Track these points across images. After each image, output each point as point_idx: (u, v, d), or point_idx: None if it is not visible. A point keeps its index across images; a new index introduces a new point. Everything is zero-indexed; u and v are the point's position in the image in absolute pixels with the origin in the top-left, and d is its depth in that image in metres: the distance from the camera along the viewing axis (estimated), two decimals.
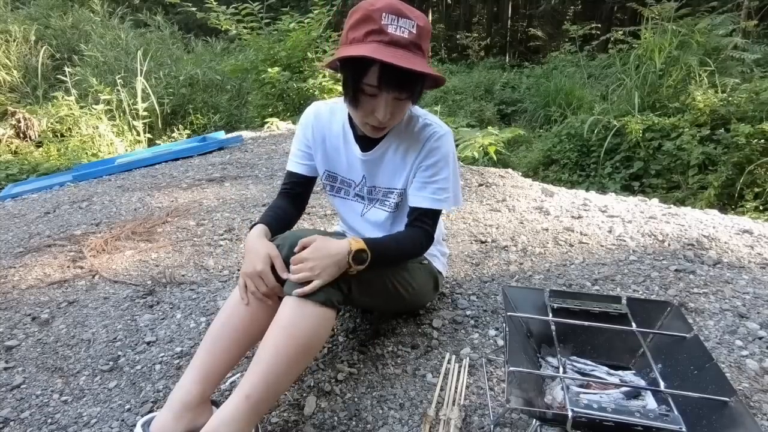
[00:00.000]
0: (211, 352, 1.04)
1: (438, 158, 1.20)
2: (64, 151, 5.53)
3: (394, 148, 1.23)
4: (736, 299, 1.53)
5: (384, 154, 1.24)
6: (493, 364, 1.28)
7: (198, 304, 1.64)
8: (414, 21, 1.01)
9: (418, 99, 1.13)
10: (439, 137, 1.20)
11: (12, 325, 1.57)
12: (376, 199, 1.31)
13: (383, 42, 0.99)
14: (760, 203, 3.54)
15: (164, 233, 2.29)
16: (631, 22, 7.88)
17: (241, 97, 7.22)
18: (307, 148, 1.30)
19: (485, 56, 12.87)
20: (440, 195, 1.21)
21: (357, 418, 1.12)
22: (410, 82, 1.03)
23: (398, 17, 1.00)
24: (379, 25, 0.99)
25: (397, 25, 1.00)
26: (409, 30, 1.00)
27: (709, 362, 0.95)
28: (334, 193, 1.36)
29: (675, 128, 4.24)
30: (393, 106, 1.07)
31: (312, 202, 2.53)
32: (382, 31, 0.99)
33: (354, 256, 1.03)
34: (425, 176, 1.21)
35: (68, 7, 9.80)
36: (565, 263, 1.82)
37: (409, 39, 1.00)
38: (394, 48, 0.99)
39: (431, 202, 1.21)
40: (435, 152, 1.20)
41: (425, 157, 1.20)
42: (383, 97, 1.04)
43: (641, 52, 5.30)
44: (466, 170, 3.09)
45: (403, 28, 1.00)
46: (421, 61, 1.02)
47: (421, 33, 1.02)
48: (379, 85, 1.02)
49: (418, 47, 1.02)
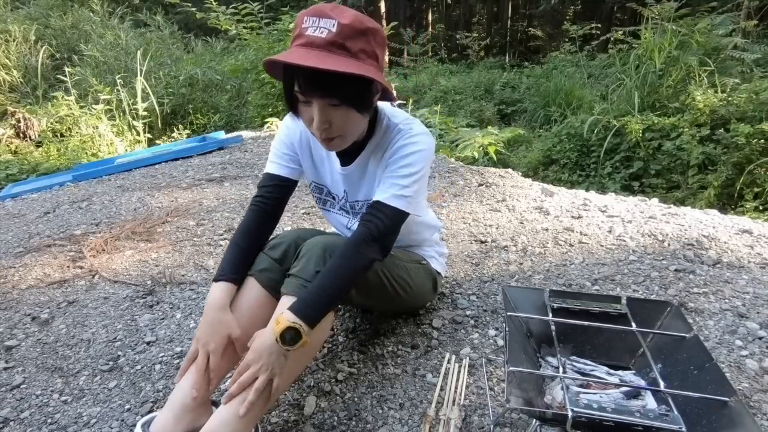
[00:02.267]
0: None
1: (404, 153, 1.10)
2: (63, 151, 5.53)
3: (372, 160, 1.17)
4: (736, 299, 1.53)
5: (362, 167, 1.18)
6: (493, 364, 1.28)
7: (198, 304, 1.64)
8: (335, 20, 0.91)
9: (367, 105, 1.02)
10: (411, 136, 1.11)
11: (12, 325, 1.57)
12: (359, 212, 1.25)
13: (301, 45, 0.92)
14: (759, 203, 3.55)
15: (164, 233, 2.29)
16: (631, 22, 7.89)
17: (241, 97, 7.21)
18: (292, 151, 1.23)
19: (485, 56, 12.87)
20: (396, 190, 1.08)
21: (357, 418, 1.12)
22: (333, 85, 0.93)
23: (319, 18, 0.92)
24: (299, 29, 0.94)
25: (316, 26, 0.92)
26: (328, 29, 0.91)
27: (709, 362, 0.95)
28: (321, 205, 1.33)
29: (675, 128, 4.24)
30: (329, 114, 0.97)
31: (312, 201, 2.54)
32: (301, 35, 0.93)
33: (282, 336, 0.93)
34: (390, 170, 1.10)
35: (68, 7, 9.80)
36: (565, 263, 1.82)
37: (326, 39, 0.91)
38: (308, 48, 0.92)
39: (389, 196, 1.07)
40: (403, 148, 1.10)
41: (392, 154, 1.11)
42: (315, 104, 0.96)
43: (641, 52, 5.29)
44: (466, 170, 3.09)
45: (322, 28, 0.91)
46: (346, 61, 0.92)
47: (342, 31, 0.91)
48: (301, 91, 0.95)
49: (341, 46, 0.92)
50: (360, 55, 0.94)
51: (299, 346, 0.95)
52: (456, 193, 2.66)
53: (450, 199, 2.57)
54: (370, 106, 1.04)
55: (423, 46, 10.91)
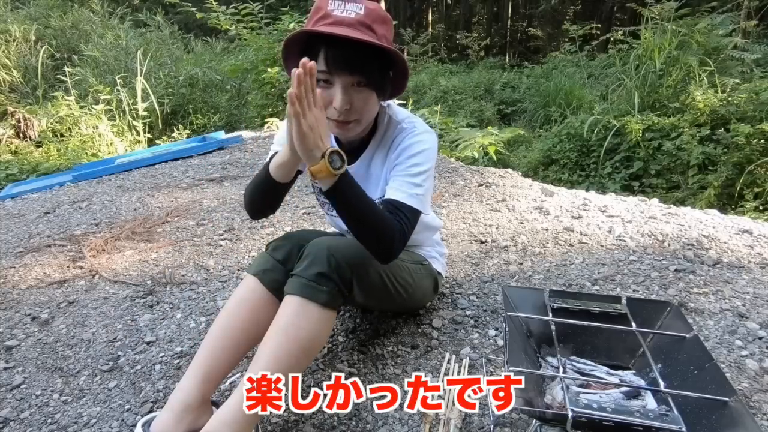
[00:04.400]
0: (212, 352, 1.04)
1: (412, 153, 1.11)
2: (63, 151, 5.53)
3: (375, 158, 1.18)
4: (736, 299, 1.53)
5: (365, 166, 1.19)
6: (493, 364, 1.28)
7: (198, 304, 1.64)
8: (362, 4, 0.97)
9: (385, 90, 1.06)
10: (416, 134, 1.13)
11: (12, 325, 1.57)
12: None
13: (328, 24, 0.95)
14: (759, 203, 3.55)
15: (164, 233, 2.29)
16: (631, 22, 7.88)
17: (241, 97, 7.21)
18: None
19: (485, 56, 12.88)
20: (412, 189, 1.09)
21: (357, 418, 1.12)
22: (362, 61, 0.97)
23: (345, 2, 0.97)
24: (325, 11, 0.97)
25: (343, 8, 0.97)
26: (356, 12, 0.96)
27: (709, 362, 0.95)
28: (324, 207, 1.34)
29: (675, 128, 4.24)
30: (351, 94, 1.00)
31: (312, 201, 2.54)
32: (327, 16, 0.96)
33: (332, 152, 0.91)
34: (399, 169, 1.12)
35: (68, 7, 9.79)
36: (565, 263, 1.82)
37: (354, 18, 0.96)
38: (338, 26, 0.95)
39: (404, 195, 1.08)
40: (410, 147, 1.12)
41: (399, 154, 1.12)
42: (337, 83, 0.98)
43: (641, 52, 5.30)
44: (466, 170, 3.09)
45: (350, 10, 0.97)
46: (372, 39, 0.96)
47: (370, 14, 0.97)
48: (328, 68, 0.97)
49: (369, 27, 0.97)
50: (382, 39, 0.99)
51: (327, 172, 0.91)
52: (456, 193, 2.66)
53: (450, 199, 2.57)
54: (387, 92, 1.08)
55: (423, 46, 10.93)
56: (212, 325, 1.08)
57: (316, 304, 1.00)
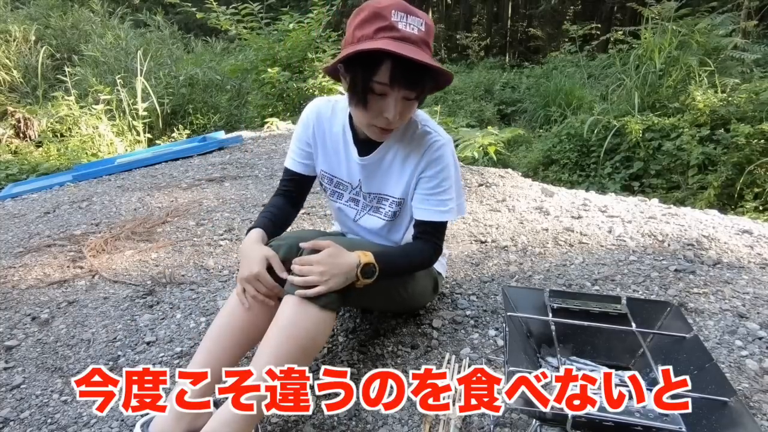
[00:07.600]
0: (211, 352, 1.04)
1: (439, 168, 1.17)
2: (64, 151, 5.52)
3: (393, 153, 1.21)
4: (735, 299, 1.53)
5: (382, 159, 1.22)
6: (493, 364, 1.28)
7: (198, 304, 1.64)
8: (422, 20, 1.01)
9: (423, 101, 1.13)
10: (440, 146, 1.18)
11: (12, 325, 1.57)
12: (369, 206, 1.29)
13: (395, 38, 0.97)
14: (759, 203, 3.55)
15: (164, 233, 2.29)
16: (631, 22, 7.89)
17: (241, 97, 7.21)
18: (307, 147, 1.28)
19: (485, 56, 12.88)
20: (444, 206, 1.19)
21: (357, 418, 1.12)
22: (421, 80, 1.02)
23: (407, 14, 0.99)
24: (389, 22, 0.98)
25: (406, 22, 0.98)
26: (419, 28, 1.00)
27: (708, 362, 0.95)
28: (328, 195, 1.35)
29: (675, 128, 4.24)
30: (402, 106, 1.04)
31: (312, 201, 2.53)
32: (393, 28, 0.98)
33: (363, 269, 1.04)
34: (428, 188, 1.19)
35: (68, 7, 9.79)
36: (565, 263, 1.82)
37: (419, 36, 0.99)
38: (406, 44, 0.97)
39: (435, 214, 1.19)
40: (436, 162, 1.17)
41: (426, 167, 1.18)
42: (393, 96, 1.02)
43: (641, 52, 5.30)
44: (466, 170, 3.08)
45: (413, 25, 0.99)
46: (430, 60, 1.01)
47: (429, 31, 1.02)
48: (390, 83, 1.00)
49: (427, 45, 1.02)
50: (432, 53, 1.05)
51: (361, 284, 1.05)
52: None
53: None
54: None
55: None
56: (211, 325, 1.08)
57: (315, 306, 1.00)
